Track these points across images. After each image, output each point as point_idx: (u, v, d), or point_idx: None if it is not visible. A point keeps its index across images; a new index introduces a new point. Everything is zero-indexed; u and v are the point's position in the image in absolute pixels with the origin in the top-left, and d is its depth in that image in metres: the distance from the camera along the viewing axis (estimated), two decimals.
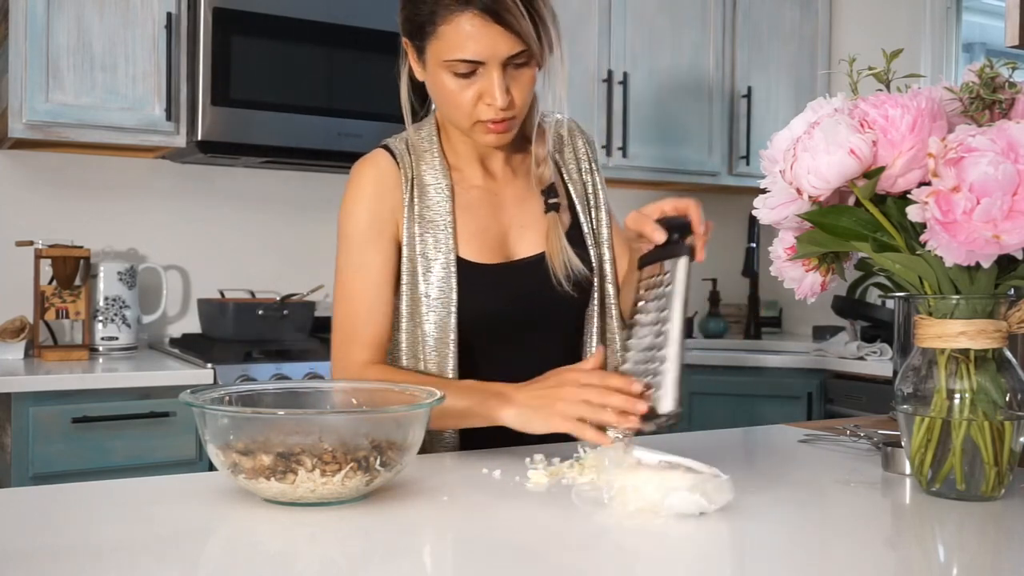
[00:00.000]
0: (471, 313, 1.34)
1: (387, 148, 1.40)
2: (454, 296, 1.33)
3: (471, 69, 1.26)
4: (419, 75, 1.35)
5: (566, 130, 1.49)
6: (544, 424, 1.14)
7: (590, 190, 1.47)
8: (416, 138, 1.41)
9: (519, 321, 1.37)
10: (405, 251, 1.35)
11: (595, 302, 1.42)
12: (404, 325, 1.36)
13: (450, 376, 1.32)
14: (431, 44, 1.27)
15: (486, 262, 1.36)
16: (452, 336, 1.32)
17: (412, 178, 1.37)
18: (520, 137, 1.41)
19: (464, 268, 1.34)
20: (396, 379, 1.26)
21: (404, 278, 1.35)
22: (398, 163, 1.38)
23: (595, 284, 1.42)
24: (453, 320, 1.33)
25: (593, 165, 1.49)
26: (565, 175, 1.46)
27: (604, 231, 1.45)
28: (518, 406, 1.16)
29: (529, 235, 1.40)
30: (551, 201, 1.40)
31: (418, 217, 1.35)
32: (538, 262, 1.37)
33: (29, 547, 0.83)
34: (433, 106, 1.41)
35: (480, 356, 1.35)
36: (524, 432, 1.17)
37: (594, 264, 1.42)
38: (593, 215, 1.46)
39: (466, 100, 1.28)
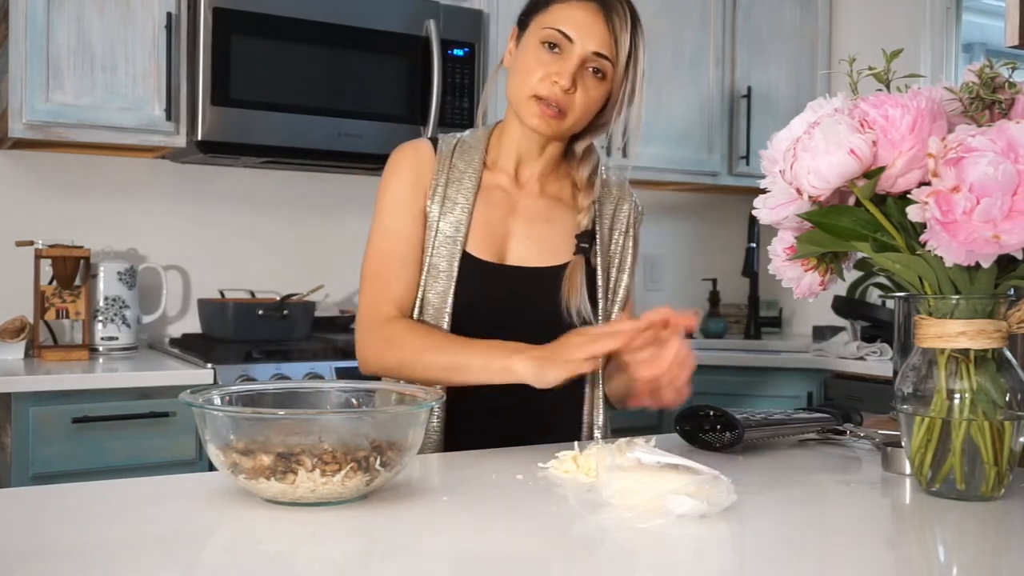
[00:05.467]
0: (464, 298, 1.41)
1: (432, 140, 1.49)
2: (455, 277, 1.40)
3: (559, 43, 1.36)
4: (507, 62, 1.45)
5: (617, 189, 1.55)
6: (555, 374, 1.21)
7: (618, 250, 1.52)
8: (466, 137, 1.50)
9: (497, 320, 1.40)
10: (427, 225, 1.43)
11: None
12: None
13: None
14: (538, 17, 1.39)
15: (481, 256, 1.43)
16: (448, 307, 1.40)
17: (448, 169, 1.45)
18: (564, 168, 1.50)
19: (464, 256, 1.42)
20: (421, 334, 1.37)
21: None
22: (437, 153, 1.47)
23: None
24: (451, 297, 1.40)
25: (632, 231, 1.54)
26: (597, 226, 1.50)
27: (621, 292, 1.51)
28: (531, 359, 1.22)
29: (531, 248, 1.45)
30: (581, 245, 1.46)
31: (446, 198, 1.43)
32: (527, 273, 1.44)
33: (29, 547, 0.83)
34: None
35: None
36: (538, 386, 1.22)
37: (602, 318, 1.47)
38: (614, 274, 1.51)
39: (536, 71, 1.36)
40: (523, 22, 1.43)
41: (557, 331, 1.41)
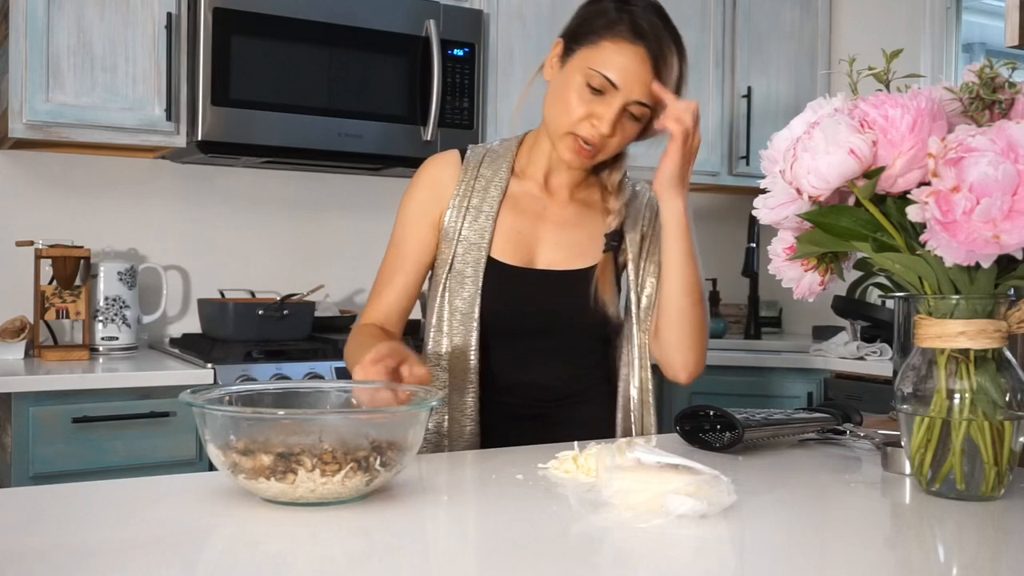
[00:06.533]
0: (491, 303, 1.42)
1: (463, 151, 1.50)
2: (481, 283, 1.42)
3: (602, 87, 1.33)
4: (548, 74, 1.42)
5: (651, 204, 1.56)
6: None
7: (647, 255, 1.53)
8: (496, 146, 1.52)
9: (526, 324, 1.44)
10: (446, 233, 1.45)
11: (633, 344, 1.49)
12: (437, 300, 1.45)
13: (472, 347, 1.41)
14: (585, 49, 1.35)
15: (508, 261, 1.44)
16: (476, 313, 1.41)
17: (473, 179, 1.46)
18: (594, 177, 1.50)
19: (490, 262, 1.43)
20: (356, 336, 1.41)
21: (442, 256, 1.46)
22: (464, 162, 1.48)
23: (632, 327, 1.50)
24: (478, 302, 1.41)
25: (659, 232, 1.54)
26: (627, 230, 1.51)
27: (647, 288, 1.51)
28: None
29: (560, 252, 1.47)
30: (611, 243, 1.48)
31: (469, 207, 1.44)
32: (556, 276, 1.45)
33: (29, 547, 0.83)
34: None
35: (495, 345, 1.45)
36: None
37: (634, 309, 1.49)
38: (641, 276, 1.52)
39: (577, 110, 1.34)
40: (570, 45, 1.38)
41: (586, 332, 1.43)
